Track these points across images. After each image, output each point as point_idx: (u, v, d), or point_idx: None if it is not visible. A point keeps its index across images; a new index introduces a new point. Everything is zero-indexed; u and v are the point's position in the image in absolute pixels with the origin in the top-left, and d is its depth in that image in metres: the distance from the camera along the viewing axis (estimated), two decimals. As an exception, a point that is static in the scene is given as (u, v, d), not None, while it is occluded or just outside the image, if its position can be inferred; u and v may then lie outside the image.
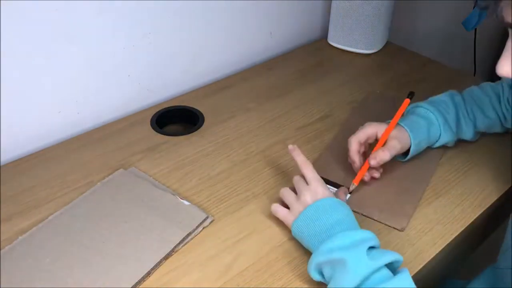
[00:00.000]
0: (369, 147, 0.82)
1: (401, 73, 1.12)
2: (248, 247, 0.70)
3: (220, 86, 1.05)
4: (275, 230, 0.73)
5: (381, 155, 0.78)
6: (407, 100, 0.83)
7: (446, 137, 0.85)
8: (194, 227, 0.72)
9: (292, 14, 1.18)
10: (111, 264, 0.66)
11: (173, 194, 0.77)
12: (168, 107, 0.98)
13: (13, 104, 0.82)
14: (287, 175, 0.83)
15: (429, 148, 0.86)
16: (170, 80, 1.02)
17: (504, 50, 0.64)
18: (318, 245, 0.64)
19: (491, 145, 0.90)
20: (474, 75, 1.56)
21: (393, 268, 0.62)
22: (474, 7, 0.96)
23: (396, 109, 0.82)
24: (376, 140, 0.81)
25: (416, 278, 0.68)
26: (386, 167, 0.81)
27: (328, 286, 0.62)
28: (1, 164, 0.84)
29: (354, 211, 0.70)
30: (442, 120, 0.84)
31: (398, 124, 0.81)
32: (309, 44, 1.23)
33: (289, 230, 0.73)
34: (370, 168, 0.79)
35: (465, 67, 1.79)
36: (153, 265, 0.66)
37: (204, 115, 0.96)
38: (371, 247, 0.62)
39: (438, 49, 1.72)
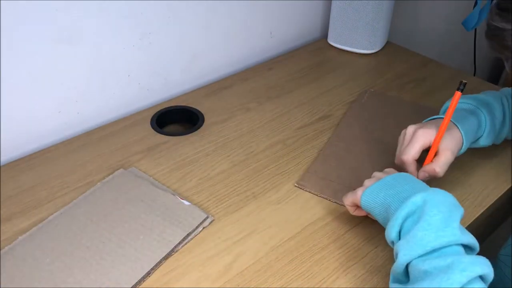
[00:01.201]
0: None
1: (401, 73, 1.12)
2: (248, 247, 0.70)
3: (220, 86, 1.05)
4: (275, 230, 0.73)
5: (432, 173, 0.72)
6: (459, 94, 0.71)
7: (485, 141, 0.80)
8: (194, 227, 0.72)
9: (292, 14, 1.18)
10: (111, 264, 0.66)
11: (173, 194, 0.77)
12: (168, 107, 0.98)
13: (13, 104, 0.82)
14: (287, 175, 0.83)
15: None
16: (170, 80, 1.02)
17: None
18: (404, 199, 0.60)
19: (491, 145, 0.90)
20: (474, 75, 1.56)
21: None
22: (474, 7, 0.96)
23: (392, 106, 0.80)
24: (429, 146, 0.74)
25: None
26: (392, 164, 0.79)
27: (398, 242, 0.58)
28: (1, 164, 0.84)
29: None
30: (490, 125, 0.78)
31: (454, 123, 0.74)
32: (309, 44, 1.23)
33: (289, 230, 0.73)
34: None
35: (465, 67, 1.79)
36: (153, 265, 0.66)
37: (204, 115, 0.96)
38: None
39: (438, 49, 1.72)
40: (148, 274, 0.66)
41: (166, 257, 0.68)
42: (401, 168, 0.74)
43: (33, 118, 0.86)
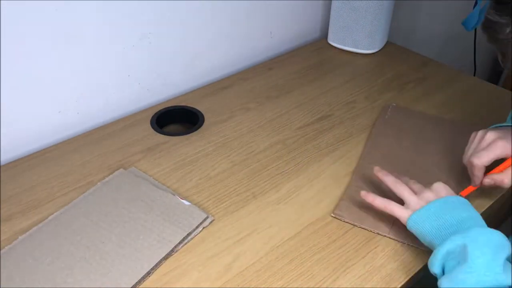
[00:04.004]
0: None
1: (401, 73, 1.12)
2: (248, 247, 0.70)
3: (220, 86, 1.05)
4: (275, 230, 0.73)
5: (499, 183, 0.72)
6: None
7: None
8: (194, 227, 0.72)
9: (292, 14, 1.18)
10: (111, 264, 0.66)
11: (173, 194, 0.77)
12: (168, 107, 0.98)
13: (13, 104, 0.82)
14: (287, 175, 0.83)
15: None
16: (170, 80, 1.02)
17: None
18: (447, 237, 0.60)
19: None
20: (474, 75, 1.56)
21: None
22: (474, 7, 0.96)
23: (416, 121, 0.79)
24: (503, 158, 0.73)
25: (417, 279, 0.68)
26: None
27: (441, 278, 0.58)
28: (1, 164, 0.84)
29: (400, 241, 0.70)
30: None
31: None
32: (309, 44, 1.23)
33: (289, 230, 0.73)
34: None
35: (465, 67, 1.79)
36: (153, 265, 0.66)
37: (204, 115, 0.96)
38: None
39: (438, 49, 1.72)
40: (148, 274, 0.66)
41: (166, 257, 0.68)
42: (467, 168, 0.76)
43: (33, 118, 0.86)
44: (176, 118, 0.98)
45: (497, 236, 0.59)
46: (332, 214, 0.75)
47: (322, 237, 0.72)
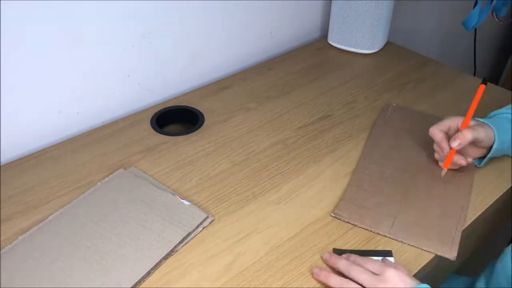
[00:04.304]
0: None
1: (401, 73, 1.12)
2: (248, 247, 0.70)
3: (220, 86, 1.05)
4: (275, 230, 0.73)
5: (462, 135, 0.76)
6: (482, 86, 0.80)
7: None
8: (194, 227, 0.72)
9: (292, 14, 1.18)
10: (111, 264, 0.66)
11: (173, 194, 0.77)
12: (168, 107, 0.98)
13: (13, 104, 0.82)
14: (287, 175, 0.83)
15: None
16: (170, 80, 1.02)
17: None
18: None
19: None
20: (474, 75, 1.56)
21: None
22: (474, 7, 0.96)
23: (416, 121, 0.80)
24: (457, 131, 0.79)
25: (419, 277, 0.68)
26: (424, 186, 0.79)
27: None
28: (1, 164, 0.84)
29: (400, 241, 0.71)
30: None
31: (480, 120, 0.80)
32: (309, 44, 1.23)
33: (289, 230, 0.73)
34: (457, 154, 0.79)
35: (465, 67, 1.79)
36: (153, 265, 0.66)
37: (204, 115, 0.96)
38: None
39: (438, 49, 1.72)
40: (148, 274, 0.66)
41: (166, 257, 0.68)
42: (435, 145, 0.81)
43: (33, 118, 0.86)
44: (176, 118, 0.98)
45: None
46: (332, 214, 0.75)
47: (322, 237, 0.72)
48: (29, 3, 0.76)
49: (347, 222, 0.74)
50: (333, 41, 1.20)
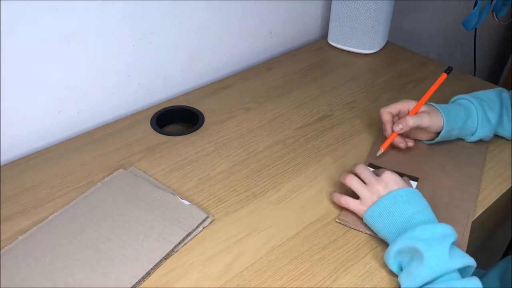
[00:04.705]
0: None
1: (401, 73, 1.12)
2: (248, 247, 0.70)
3: (220, 86, 1.05)
4: (275, 230, 0.73)
5: (404, 120, 0.80)
6: (444, 75, 0.83)
7: (482, 132, 0.85)
8: (194, 227, 0.72)
9: (292, 14, 1.18)
10: (111, 264, 0.66)
11: (173, 194, 0.77)
12: (168, 107, 0.98)
13: (13, 104, 0.82)
14: (287, 175, 0.83)
15: (472, 148, 0.87)
16: (170, 80, 1.02)
17: None
18: (397, 235, 0.66)
19: (491, 145, 0.90)
20: (474, 75, 1.56)
21: (463, 272, 0.63)
22: (474, 7, 0.96)
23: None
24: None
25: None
26: (430, 191, 0.79)
27: (400, 274, 0.64)
28: (1, 164, 0.84)
29: None
30: (482, 114, 0.84)
31: (434, 106, 0.83)
32: (309, 44, 1.23)
33: (289, 230, 0.73)
34: (400, 137, 0.83)
35: (465, 67, 1.79)
36: (153, 265, 0.66)
37: (204, 115, 0.96)
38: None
39: (438, 49, 1.72)
40: (148, 274, 0.66)
41: (166, 257, 0.68)
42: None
43: (33, 118, 0.86)
44: (176, 118, 0.98)
45: (440, 228, 0.64)
46: (336, 220, 0.74)
47: (322, 237, 0.72)
48: (29, 3, 0.76)
49: (352, 228, 0.74)
50: (333, 41, 1.20)
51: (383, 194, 0.70)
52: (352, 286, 0.66)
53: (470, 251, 0.92)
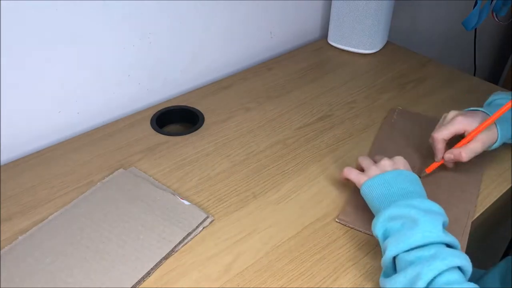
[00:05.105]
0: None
1: (401, 73, 1.12)
2: (248, 247, 0.70)
3: (220, 86, 1.05)
4: (275, 230, 0.73)
5: (457, 156, 0.77)
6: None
7: None
8: (194, 227, 0.72)
9: (292, 14, 1.18)
10: (111, 264, 0.66)
11: (173, 194, 0.77)
12: (168, 107, 0.98)
13: (13, 104, 0.82)
14: (287, 175, 0.83)
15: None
16: (170, 80, 1.02)
17: None
18: (391, 203, 0.66)
19: (491, 145, 0.90)
20: (474, 75, 1.56)
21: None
22: (474, 7, 0.96)
23: (422, 125, 0.81)
24: (462, 136, 0.78)
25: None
26: (430, 192, 0.77)
27: (387, 239, 0.63)
28: (1, 164, 0.84)
29: None
30: None
31: (490, 119, 0.76)
32: (309, 44, 1.23)
33: (289, 230, 0.73)
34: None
35: (465, 67, 1.79)
36: (153, 265, 0.66)
37: (204, 115, 0.96)
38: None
39: (438, 49, 1.72)
40: (148, 274, 0.66)
41: (166, 257, 0.68)
42: (431, 145, 0.81)
43: (33, 118, 0.86)
44: (176, 118, 0.98)
45: (436, 206, 0.65)
46: (336, 220, 0.75)
47: (322, 237, 0.72)
48: (29, 3, 0.76)
49: (352, 228, 0.74)
50: (333, 41, 1.20)
51: (388, 170, 0.71)
52: (352, 286, 0.66)
53: (470, 251, 0.92)
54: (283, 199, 0.78)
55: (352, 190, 0.80)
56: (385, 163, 0.73)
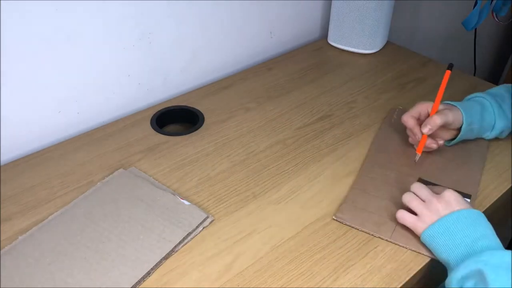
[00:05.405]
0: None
1: (401, 73, 1.12)
2: (248, 247, 0.70)
3: (220, 86, 1.05)
4: (275, 230, 0.73)
5: (432, 120, 0.80)
6: (448, 72, 0.84)
7: (500, 124, 0.85)
8: (194, 227, 0.72)
9: (292, 14, 1.18)
10: (111, 264, 0.66)
11: (173, 194, 0.77)
12: (168, 107, 0.98)
13: (13, 104, 0.82)
14: (287, 175, 0.83)
15: (472, 148, 0.87)
16: (170, 80, 1.02)
17: None
18: (460, 259, 0.63)
19: (491, 145, 0.90)
20: (474, 75, 1.56)
21: None
22: (474, 7, 0.96)
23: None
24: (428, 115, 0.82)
25: (418, 277, 0.68)
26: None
27: None
28: (1, 164, 0.84)
29: (401, 246, 0.71)
30: (496, 106, 0.84)
31: (450, 103, 0.84)
32: (309, 44, 1.23)
33: (289, 230, 0.73)
34: (429, 138, 0.82)
35: (465, 67, 1.79)
36: (153, 265, 0.66)
37: (204, 115, 0.96)
38: None
39: (438, 49, 1.72)
40: (148, 274, 0.66)
41: (166, 257, 0.68)
42: (408, 132, 0.86)
43: (33, 118, 0.86)
44: (176, 118, 0.98)
45: (508, 256, 0.60)
46: (333, 217, 0.75)
47: (322, 237, 0.72)
48: (29, 3, 0.76)
49: (349, 226, 0.74)
50: (333, 41, 1.20)
51: (444, 213, 0.67)
52: (352, 286, 0.66)
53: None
54: (283, 199, 0.78)
55: (350, 188, 0.80)
56: (437, 206, 0.68)
